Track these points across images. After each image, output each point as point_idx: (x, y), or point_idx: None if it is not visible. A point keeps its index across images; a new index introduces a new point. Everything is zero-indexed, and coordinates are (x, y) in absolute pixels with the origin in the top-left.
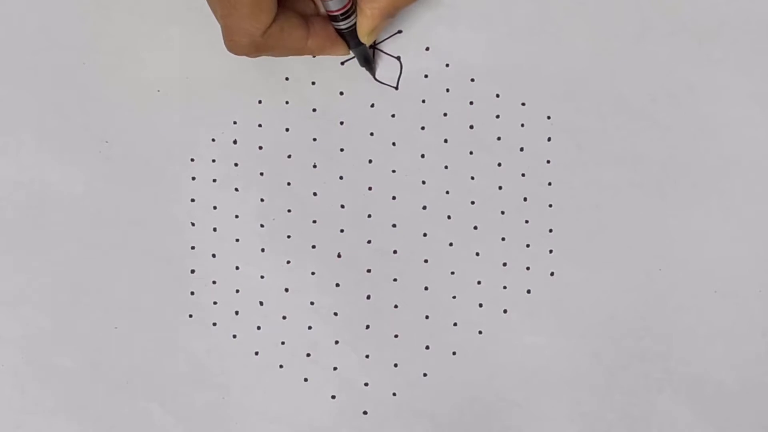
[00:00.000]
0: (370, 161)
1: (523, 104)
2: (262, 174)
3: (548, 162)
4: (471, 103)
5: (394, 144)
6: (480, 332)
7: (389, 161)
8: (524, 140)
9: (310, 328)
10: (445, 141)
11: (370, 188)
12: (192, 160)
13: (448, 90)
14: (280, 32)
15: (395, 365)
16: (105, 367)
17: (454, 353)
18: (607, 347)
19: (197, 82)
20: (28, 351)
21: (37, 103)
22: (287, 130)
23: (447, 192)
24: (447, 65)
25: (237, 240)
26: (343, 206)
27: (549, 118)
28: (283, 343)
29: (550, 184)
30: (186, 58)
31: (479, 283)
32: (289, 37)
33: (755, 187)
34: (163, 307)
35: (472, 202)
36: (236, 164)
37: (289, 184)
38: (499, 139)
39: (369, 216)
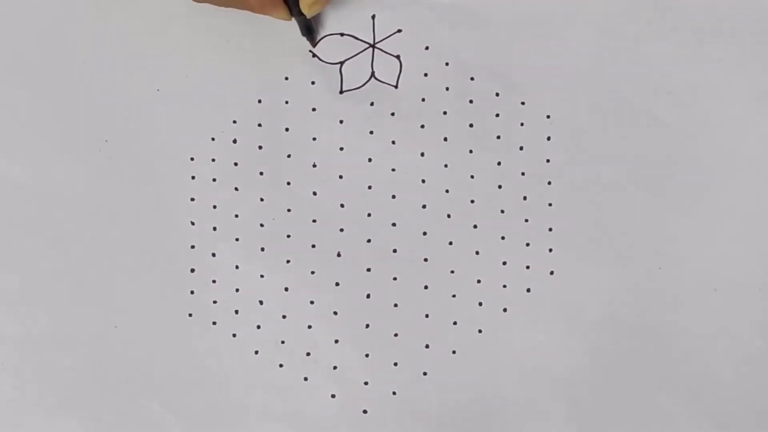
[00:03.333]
0: (370, 160)
1: (523, 103)
2: (261, 174)
3: (548, 161)
4: (471, 101)
5: (393, 143)
6: (480, 331)
7: (389, 160)
8: (524, 139)
9: (310, 327)
10: (445, 139)
11: (369, 187)
12: (192, 159)
13: (447, 89)
14: None
15: (395, 364)
16: (105, 366)
17: (454, 352)
18: (606, 346)
19: (197, 82)
20: (28, 351)
21: (37, 103)
22: (287, 129)
23: (447, 191)
24: (447, 64)
25: (237, 239)
26: (342, 205)
27: (549, 117)
28: (283, 342)
29: (549, 183)
30: (186, 58)
31: (479, 281)
32: None
33: (755, 186)
34: (163, 306)
35: (472, 201)
36: (236, 164)
37: (289, 183)
38: (498, 137)
39: (369, 215)
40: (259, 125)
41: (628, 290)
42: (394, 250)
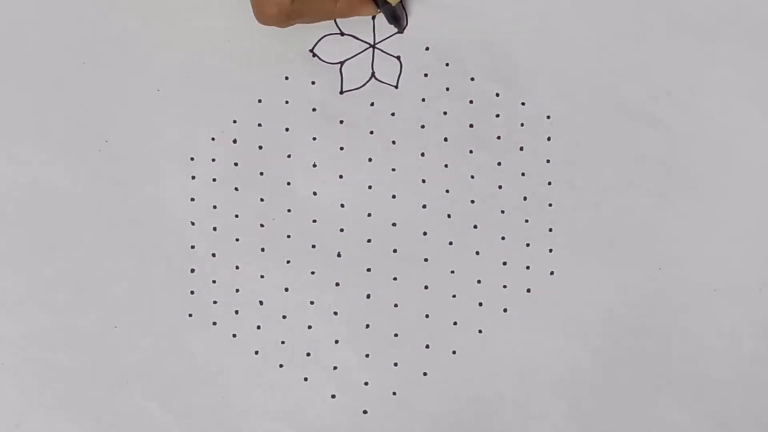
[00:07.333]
0: (370, 160)
1: (523, 104)
2: (262, 174)
3: (548, 161)
4: (471, 102)
5: (393, 143)
6: (480, 331)
7: (389, 160)
8: (524, 139)
9: (310, 327)
10: (445, 140)
11: (369, 187)
12: (192, 159)
13: (447, 89)
14: None
15: (395, 364)
16: (105, 366)
17: (454, 352)
18: (606, 346)
19: (197, 81)
20: (28, 351)
21: (37, 103)
22: (287, 129)
23: (447, 191)
24: (447, 65)
25: (237, 240)
26: (343, 206)
27: (549, 117)
28: (283, 342)
29: (549, 183)
30: (186, 57)
31: (479, 282)
32: (318, 1)
33: (755, 186)
34: (163, 306)
35: (472, 201)
36: (236, 164)
37: (289, 183)
38: (498, 138)
39: (369, 215)
40: (259, 125)
41: (628, 290)
42: (394, 250)
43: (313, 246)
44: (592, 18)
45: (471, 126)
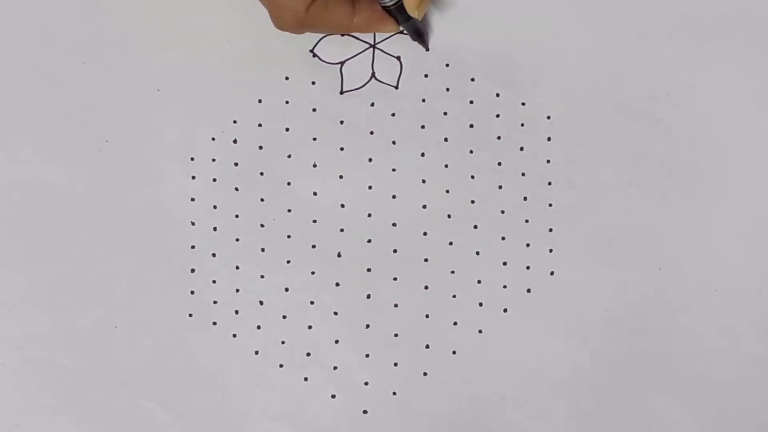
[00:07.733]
0: (370, 160)
1: (523, 104)
2: (262, 174)
3: (548, 162)
4: (471, 102)
5: (394, 143)
6: (480, 331)
7: (389, 160)
8: (524, 139)
9: (310, 327)
10: (445, 140)
11: (370, 187)
12: (192, 159)
13: (448, 89)
14: (325, 8)
15: (395, 364)
16: (105, 366)
17: (454, 352)
18: (606, 346)
19: (197, 81)
20: (28, 351)
21: (37, 103)
22: (287, 129)
23: (447, 191)
24: (447, 65)
25: (237, 240)
26: (343, 206)
27: (549, 117)
28: (283, 342)
29: (550, 183)
30: (186, 57)
31: (479, 282)
32: (334, 13)
33: (755, 186)
34: (163, 306)
35: (472, 201)
36: (236, 164)
37: (289, 184)
38: (498, 138)
39: (369, 215)
40: (259, 125)
41: (628, 290)
42: (394, 250)
43: (313, 246)
44: (592, 18)
45: (471, 126)
